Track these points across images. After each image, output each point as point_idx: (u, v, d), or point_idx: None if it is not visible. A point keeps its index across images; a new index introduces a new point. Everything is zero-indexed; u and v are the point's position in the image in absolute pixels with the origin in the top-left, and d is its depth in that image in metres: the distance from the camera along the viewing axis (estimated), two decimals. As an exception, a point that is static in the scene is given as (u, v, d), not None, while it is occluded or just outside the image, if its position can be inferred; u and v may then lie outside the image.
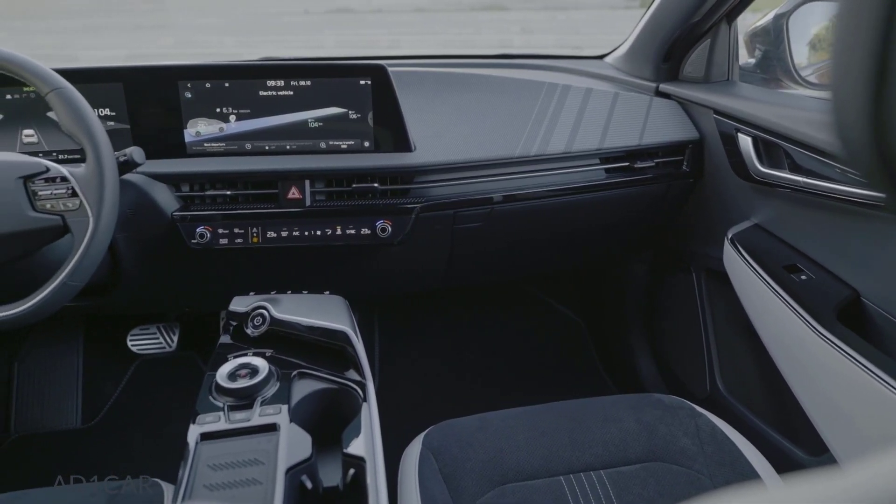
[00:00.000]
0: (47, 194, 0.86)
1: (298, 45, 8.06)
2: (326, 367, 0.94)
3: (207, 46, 8.10)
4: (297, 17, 10.00)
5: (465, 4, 9.93)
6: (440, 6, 10.13)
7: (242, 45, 8.19)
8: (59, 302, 0.84)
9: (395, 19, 9.58)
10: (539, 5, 9.63)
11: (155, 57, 7.34)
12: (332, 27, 9.25)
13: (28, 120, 1.08)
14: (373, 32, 8.78)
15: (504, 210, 1.18)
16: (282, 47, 7.70)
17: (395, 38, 8.26)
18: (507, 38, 7.93)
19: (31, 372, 1.62)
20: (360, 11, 10.31)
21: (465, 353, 1.80)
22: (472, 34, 8.51)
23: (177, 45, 8.12)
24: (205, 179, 1.09)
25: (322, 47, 8.04)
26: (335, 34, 8.80)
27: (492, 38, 8.10)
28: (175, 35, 8.55)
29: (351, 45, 8.17)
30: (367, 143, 1.12)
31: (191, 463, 0.76)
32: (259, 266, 1.19)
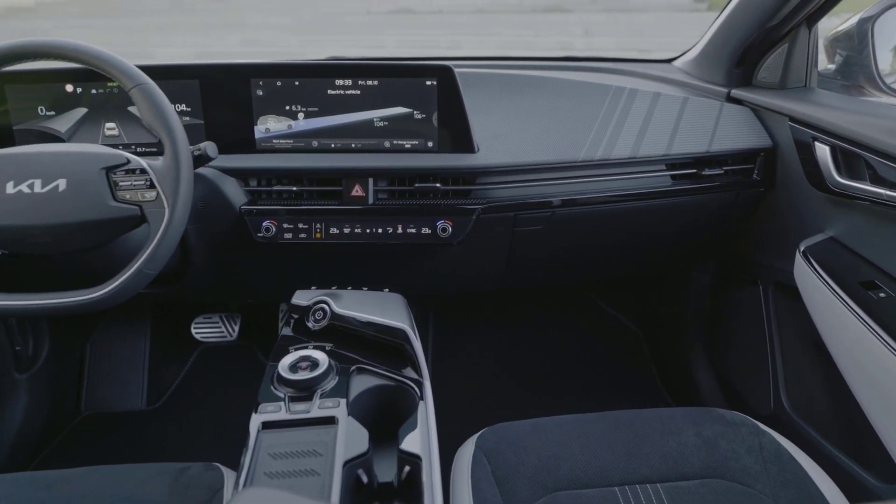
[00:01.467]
0: (127, 185, 0.90)
1: (360, 45, 8.18)
2: (384, 364, 0.95)
3: (272, 45, 8.31)
4: (359, 18, 10.16)
5: (527, 6, 9.87)
6: (500, 7, 10.10)
7: (306, 44, 8.37)
8: (134, 288, 0.88)
9: (455, 20, 9.60)
10: (601, 7, 9.48)
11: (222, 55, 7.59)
12: (392, 27, 9.35)
13: (110, 114, 1.13)
14: (433, 33, 8.82)
15: (565, 214, 1.17)
16: (344, 47, 7.83)
17: (455, 39, 8.27)
18: (567, 41, 7.84)
19: (101, 354, 1.70)
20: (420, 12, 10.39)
21: (518, 356, 1.79)
22: (531, 36, 8.45)
23: (243, 44, 8.36)
24: (272, 175, 1.12)
25: (383, 47, 8.14)
26: (396, 35, 8.89)
27: (552, 39, 8.02)
28: (242, 34, 8.80)
29: (411, 46, 8.23)
30: (431, 144, 1.13)
31: (252, 450, 0.78)
32: (320, 261, 1.22)
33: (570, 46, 7.48)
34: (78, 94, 1.12)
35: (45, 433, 1.53)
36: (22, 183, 0.87)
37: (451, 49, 7.86)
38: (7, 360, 1.45)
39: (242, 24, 9.48)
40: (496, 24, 9.24)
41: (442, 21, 9.66)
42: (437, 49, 7.97)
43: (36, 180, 0.87)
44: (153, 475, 0.89)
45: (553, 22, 9.09)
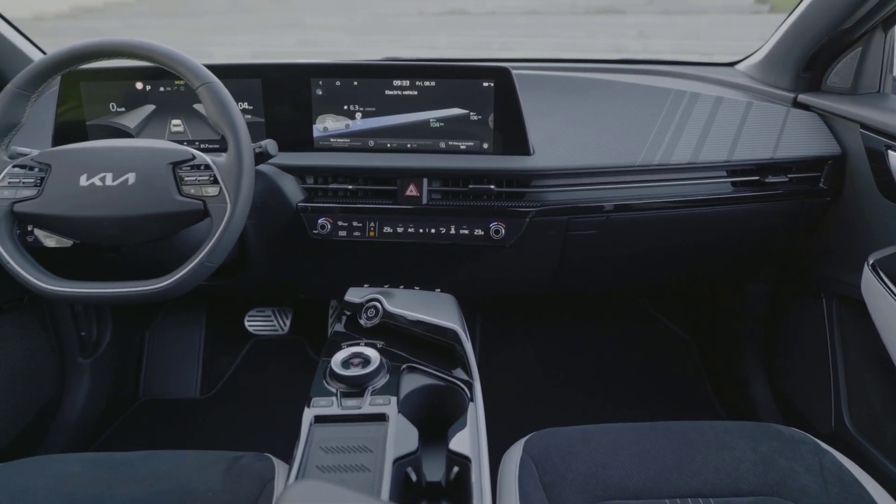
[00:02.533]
0: (192, 180, 0.92)
1: (412, 46, 8.24)
2: (434, 364, 0.96)
3: (326, 45, 8.45)
4: (411, 19, 10.23)
5: (580, 7, 9.75)
6: (554, 9, 10.01)
7: (359, 45, 8.48)
8: (196, 280, 0.91)
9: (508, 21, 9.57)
10: (658, 9, 9.30)
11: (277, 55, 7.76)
12: (445, 28, 9.38)
13: (176, 111, 1.17)
14: (484, 34, 8.82)
15: (620, 219, 1.15)
16: (396, 47, 7.91)
17: (507, 41, 8.25)
18: (621, 43, 7.72)
19: (159, 343, 1.76)
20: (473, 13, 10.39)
21: (566, 361, 1.77)
22: (585, 38, 8.36)
23: (298, 44, 8.53)
24: (328, 173, 1.13)
25: (434, 48, 8.17)
26: (448, 35, 8.92)
27: (605, 41, 7.91)
28: (298, 34, 8.98)
29: (462, 47, 8.25)
30: (486, 145, 1.12)
31: (304, 443, 0.79)
32: (373, 259, 1.23)
33: (624, 49, 7.37)
34: (147, 91, 1.16)
35: (106, 416, 1.59)
36: (94, 176, 0.91)
37: (502, 51, 7.85)
38: (72, 345, 1.51)
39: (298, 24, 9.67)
40: (548, 26, 9.17)
41: (494, 22, 9.64)
42: (488, 51, 7.95)
43: (108, 174, 0.91)
44: (207, 462, 0.91)
45: (607, 24, 8.96)
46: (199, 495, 0.85)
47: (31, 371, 1.40)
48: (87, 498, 0.85)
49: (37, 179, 0.92)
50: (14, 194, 0.92)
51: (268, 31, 9.33)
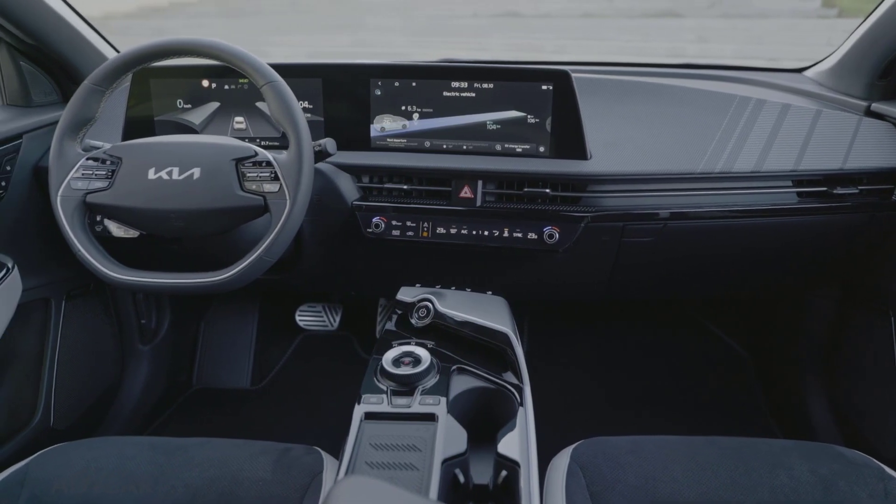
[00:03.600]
0: (253, 176, 0.95)
1: (464, 47, 8.24)
2: (484, 366, 0.96)
3: (380, 46, 8.53)
4: (465, 20, 10.23)
5: (637, 10, 9.56)
6: (610, 12, 9.85)
7: (413, 45, 8.53)
8: (254, 274, 0.93)
9: (562, 24, 9.48)
10: (718, 12, 9.04)
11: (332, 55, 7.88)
12: (498, 30, 9.36)
13: (239, 108, 1.20)
14: (538, 37, 8.75)
15: (678, 227, 1.12)
16: (449, 49, 7.93)
17: (561, 44, 8.16)
18: (679, 47, 7.54)
19: (213, 333, 1.81)
20: (527, 16, 10.32)
21: (614, 370, 1.74)
22: (641, 41, 8.20)
23: (353, 44, 8.65)
24: (384, 173, 1.14)
25: (487, 50, 8.16)
26: (501, 37, 8.89)
27: (662, 45, 7.74)
28: (353, 34, 9.10)
29: (515, 49, 8.20)
30: (543, 149, 1.12)
31: (355, 439, 0.80)
32: (425, 259, 1.23)
33: (682, 53, 7.20)
34: (212, 89, 1.19)
35: (161, 402, 1.65)
36: (162, 170, 0.94)
37: (555, 53, 7.77)
38: (133, 332, 1.57)
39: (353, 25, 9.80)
40: (604, 29, 9.04)
41: (548, 25, 9.56)
42: (541, 53, 7.89)
43: (174, 168, 0.94)
44: (258, 453, 0.94)
45: (664, 27, 8.76)
46: (249, 484, 0.88)
47: (94, 355, 1.46)
48: (144, 479, 0.88)
49: (108, 172, 0.96)
50: (87, 185, 0.96)
51: (323, 32, 9.49)
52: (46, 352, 1.29)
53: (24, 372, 1.25)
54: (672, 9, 9.45)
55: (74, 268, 1.24)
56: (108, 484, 0.87)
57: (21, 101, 1.24)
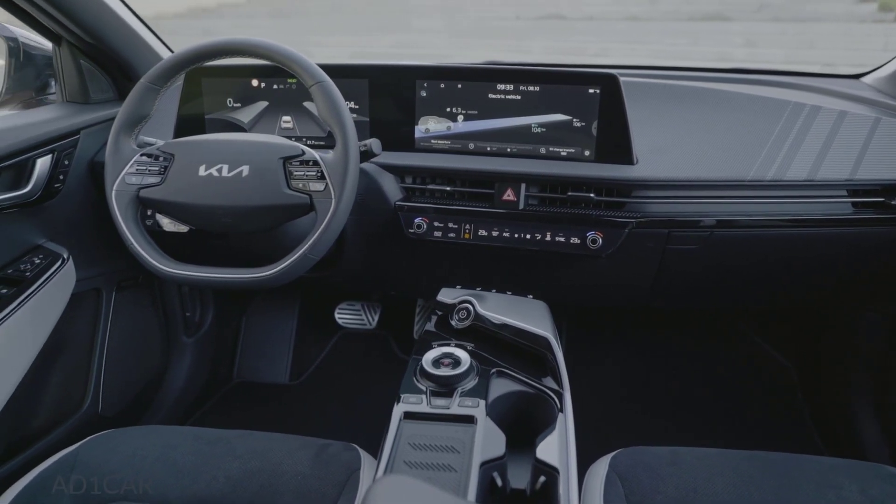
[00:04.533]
0: (300, 175, 0.96)
1: (506, 49, 8.22)
2: (524, 370, 0.95)
3: (422, 47, 8.58)
4: (507, 22, 10.21)
5: (684, 13, 9.39)
6: (655, 15, 9.70)
7: (454, 47, 8.55)
8: (298, 271, 0.94)
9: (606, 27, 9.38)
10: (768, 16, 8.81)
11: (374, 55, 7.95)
12: (541, 33, 9.31)
13: (287, 107, 1.22)
14: (581, 40, 8.67)
15: (725, 235, 1.10)
16: (491, 51, 7.92)
17: (604, 47, 8.08)
18: (726, 51, 7.38)
19: (254, 328, 1.85)
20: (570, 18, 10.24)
21: (654, 379, 1.71)
22: (687, 45, 8.05)
23: (395, 45, 8.71)
24: (427, 174, 1.15)
25: (529, 52, 8.12)
26: (543, 40, 8.85)
27: (709, 49, 7.59)
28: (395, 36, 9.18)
29: (557, 52, 8.15)
30: (588, 153, 1.11)
31: (394, 438, 0.81)
32: (465, 261, 1.23)
33: (730, 57, 7.04)
34: (261, 88, 1.22)
35: (203, 393, 1.69)
36: (212, 167, 0.96)
37: (597, 56, 7.68)
38: (178, 324, 1.61)
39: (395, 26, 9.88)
40: (648, 32, 8.91)
41: (591, 28, 9.47)
42: (583, 56, 7.81)
43: (224, 165, 0.96)
44: (298, 447, 0.95)
45: (711, 31, 8.59)
46: (288, 477, 0.89)
47: (141, 346, 1.50)
48: (188, 468, 0.90)
49: (161, 168, 0.99)
50: (140, 181, 0.99)
51: (365, 33, 9.59)
52: (97, 341, 1.33)
53: (75, 359, 1.29)
54: (719, 12, 9.26)
55: (125, 260, 1.28)
56: (153, 471, 0.90)
57: (80, 98, 1.28)
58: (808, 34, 7.89)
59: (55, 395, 1.24)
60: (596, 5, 10.20)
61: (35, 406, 1.19)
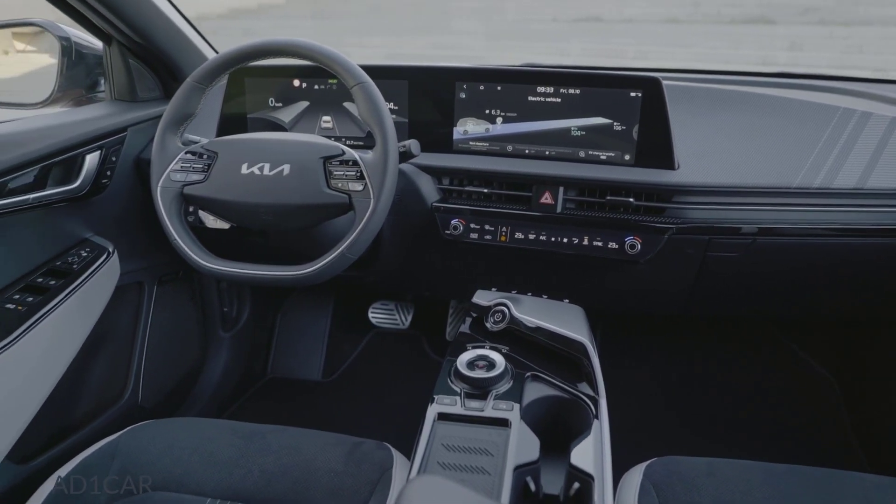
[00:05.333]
0: (340, 174, 0.96)
1: (543, 52, 8.18)
2: (559, 375, 0.94)
3: (458, 48, 8.59)
4: (544, 24, 10.15)
5: (726, 16, 9.20)
6: (697, 17, 9.53)
7: (490, 49, 8.54)
8: (336, 270, 0.95)
9: (645, 30, 9.26)
10: (814, 19, 8.57)
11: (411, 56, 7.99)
12: (578, 35, 9.24)
13: (327, 108, 1.23)
14: (619, 42, 8.58)
15: (768, 243, 1.07)
16: (528, 53, 7.89)
17: (643, 50, 7.98)
18: (770, 55, 7.21)
19: (289, 325, 1.87)
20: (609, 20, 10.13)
21: (689, 386, 1.68)
22: (728, 48, 7.90)
23: (431, 47, 8.74)
24: (465, 175, 1.15)
25: (566, 55, 8.07)
26: (581, 42, 8.77)
27: (752, 53, 7.43)
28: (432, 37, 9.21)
29: (595, 55, 8.07)
30: (628, 157, 1.09)
31: (428, 438, 0.81)
32: (501, 264, 1.23)
33: (773, 61, 6.89)
34: (302, 88, 1.23)
35: (238, 387, 1.71)
36: (254, 165, 0.98)
37: (636, 60, 7.59)
38: (215, 319, 1.65)
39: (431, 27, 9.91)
40: (689, 35, 8.76)
41: (630, 30, 9.36)
42: (622, 59, 7.72)
43: (266, 164, 0.98)
44: (331, 444, 0.96)
45: (754, 34, 8.41)
46: (321, 473, 0.90)
47: (180, 339, 1.53)
48: (224, 460, 0.92)
49: (205, 166, 1.01)
50: (185, 178, 1.01)
51: (402, 34, 9.64)
52: (138, 333, 1.37)
53: (117, 351, 1.33)
54: (763, 15, 9.05)
55: (167, 255, 1.31)
56: (191, 462, 0.92)
57: (127, 97, 1.32)
58: (856, 38, 7.65)
59: (98, 385, 1.28)
60: (635, 7, 10.08)
61: (79, 395, 1.23)
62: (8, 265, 1.04)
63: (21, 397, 1.01)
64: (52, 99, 1.26)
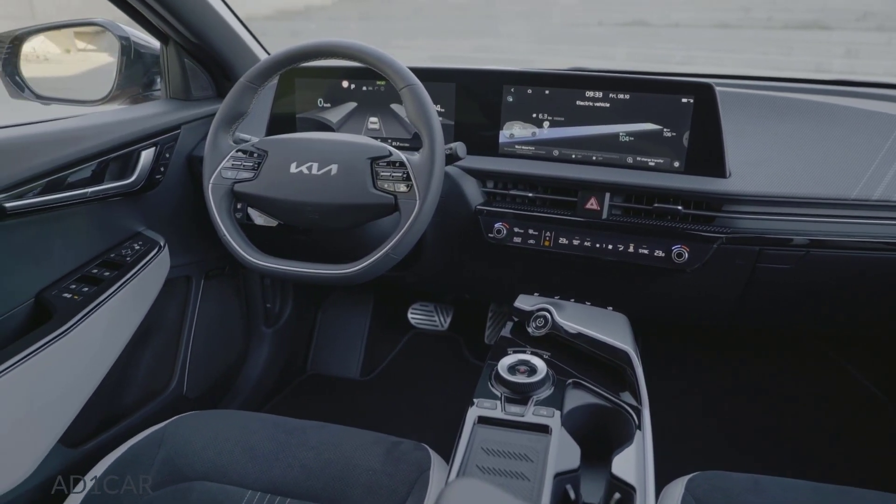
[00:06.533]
0: (386, 175, 0.97)
1: (587, 56, 8.09)
2: (602, 384, 0.93)
3: (501, 52, 8.57)
4: (590, 29, 10.06)
5: (778, 21, 8.96)
6: (748, 23, 9.31)
7: (534, 52, 8.50)
8: (380, 269, 0.96)
9: (693, 35, 9.09)
10: (872, 25, 8.28)
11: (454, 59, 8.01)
12: (624, 39, 9.12)
13: (374, 109, 1.24)
14: (666, 47, 8.44)
15: (822, 256, 1.04)
16: (572, 57, 7.82)
17: (690, 55, 7.83)
18: (824, 61, 6.99)
19: (329, 323, 1.90)
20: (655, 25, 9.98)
21: (733, 400, 1.64)
22: (780, 55, 7.69)
23: (475, 50, 8.74)
24: (509, 179, 1.14)
25: (611, 59, 7.97)
26: (626, 47, 8.66)
27: (804, 59, 7.22)
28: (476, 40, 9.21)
29: (641, 59, 7.95)
30: (677, 164, 1.07)
31: (467, 441, 0.81)
32: (543, 269, 1.22)
33: (827, 68, 6.67)
34: (351, 89, 1.25)
35: (277, 383, 1.74)
36: (303, 165, 0.99)
37: (683, 65, 7.45)
38: (258, 314, 1.68)
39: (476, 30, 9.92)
40: (739, 41, 8.56)
41: (677, 35, 9.20)
42: (668, 64, 7.59)
43: (314, 163, 0.99)
44: (370, 442, 0.96)
45: (808, 40, 8.16)
46: (360, 471, 0.90)
47: (224, 333, 1.57)
48: (265, 454, 0.94)
49: (255, 164, 1.03)
50: (235, 175, 1.03)
51: (448, 36, 9.67)
52: (185, 325, 1.40)
53: (165, 342, 1.36)
54: (818, 20, 8.79)
55: (214, 250, 1.34)
56: (234, 453, 0.94)
57: (181, 95, 1.35)
58: (916, 45, 7.37)
59: (145, 374, 1.31)
60: (683, 12, 9.91)
61: (128, 383, 1.27)
62: (66, 256, 1.08)
63: (74, 384, 1.05)
64: (110, 97, 1.30)
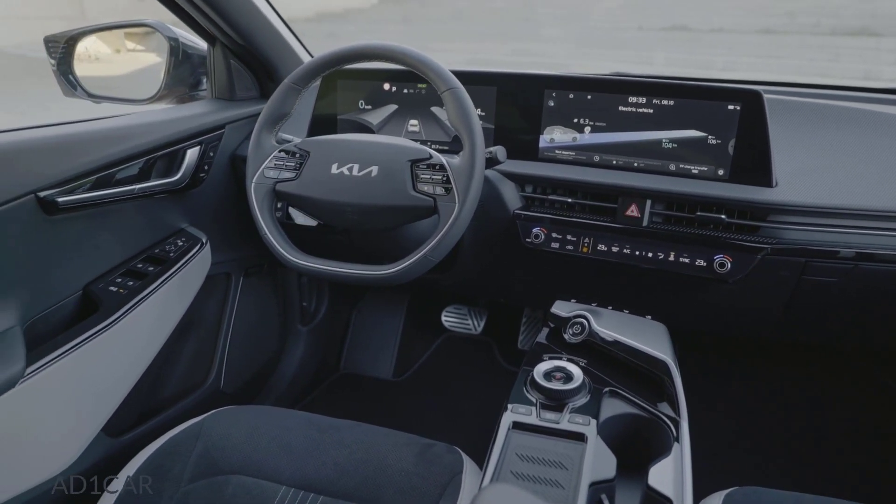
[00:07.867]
0: (426, 178, 0.97)
1: (626, 61, 7.99)
2: (639, 393, 0.92)
3: (540, 55, 8.53)
4: (629, 33, 9.95)
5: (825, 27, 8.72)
6: (793, 28, 9.08)
7: (572, 57, 8.43)
8: (417, 271, 0.96)
9: (735, 40, 8.91)
10: (924, 32, 8.01)
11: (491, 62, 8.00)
12: (664, 44, 8.99)
13: (415, 111, 1.25)
14: (707, 52, 8.29)
15: (871, 269, 1.01)
16: (611, 61, 7.74)
17: (732, 60, 7.67)
18: (873, 69, 6.77)
19: (363, 323, 1.91)
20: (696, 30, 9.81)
21: (773, 415, 1.60)
22: (827, 61, 7.48)
23: (513, 53, 8.72)
24: (549, 184, 1.14)
25: (650, 64, 7.86)
26: (666, 52, 8.53)
27: (853, 66, 7.00)
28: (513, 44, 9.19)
29: (681, 65, 7.82)
30: (722, 172, 1.05)
31: (502, 446, 0.81)
32: (580, 275, 1.21)
33: (877, 76, 6.48)
34: (392, 92, 1.26)
35: (312, 381, 1.76)
36: (344, 166, 1.00)
37: (725, 71, 7.30)
38: (294, 312, 1.70)
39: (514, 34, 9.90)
40: (784, 47, 8.37)
41: (720, 40, 9.03)
42: (710, 70, 7.45)
43: (355, 165, 1.00)
44: (403, 443, 0.97)
45: (856, 47, 7.93)
46: (392, 471, 0.91)
47: (261, 330, 1.59)
48: (300, 450, 0.95)
49: (297, 164, 1.04)
50: (277, 175, 1.05)
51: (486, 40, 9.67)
52: (223, 321, 1.43)
53: (205, 336, 1.39)
54: (867, 27, 8.53)
55: (254, 248, 1.36)
56: (269, 449, 0.95)
57: (226, 95, 1.38)
58: (974, 52, 7.09)
59: (185, 368, 1.34)
60: (726, 17, 9.73)
61: (168, 376, 1.30)
62: (113, 250, 1.11)
63: (118, 375, 1.07)
64: (158, 96, 1.33)
